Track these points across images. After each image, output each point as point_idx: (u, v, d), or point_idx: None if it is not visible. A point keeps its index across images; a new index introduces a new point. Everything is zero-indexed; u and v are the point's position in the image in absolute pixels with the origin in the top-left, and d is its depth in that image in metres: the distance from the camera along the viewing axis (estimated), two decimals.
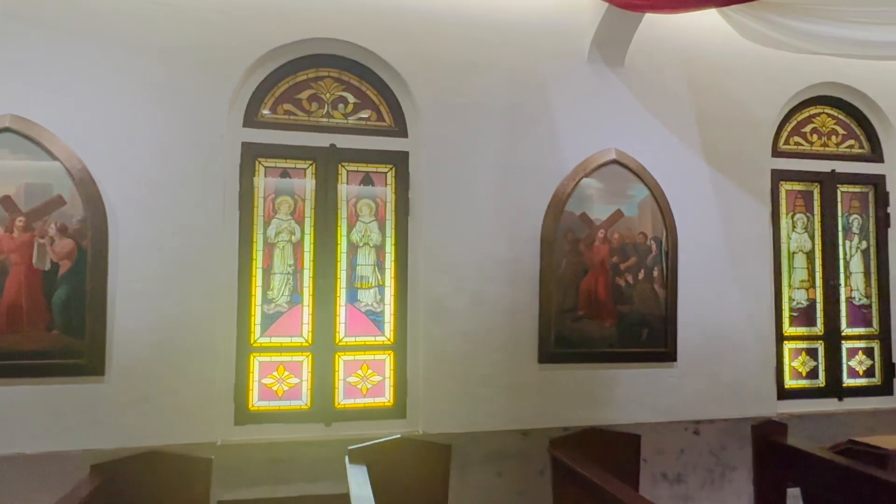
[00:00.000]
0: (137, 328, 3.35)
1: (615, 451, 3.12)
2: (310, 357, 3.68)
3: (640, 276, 4.02)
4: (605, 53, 4.04)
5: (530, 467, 3.80)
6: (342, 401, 3.70)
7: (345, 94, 3.85)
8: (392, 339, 3.80)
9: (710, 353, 4.17)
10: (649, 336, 4.01)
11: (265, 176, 3.70)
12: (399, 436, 2.91)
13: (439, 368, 3.73)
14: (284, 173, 3.73)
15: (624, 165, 4.02)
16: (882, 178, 4.69)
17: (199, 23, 3.54)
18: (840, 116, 4.68)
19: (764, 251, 4.35)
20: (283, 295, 3.68)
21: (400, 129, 3.90)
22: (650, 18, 3.93)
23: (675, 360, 4.08)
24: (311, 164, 3.75)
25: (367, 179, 3.84)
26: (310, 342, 3.68)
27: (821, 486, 2.78)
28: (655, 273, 4.05)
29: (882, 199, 4.68)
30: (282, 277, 3.69)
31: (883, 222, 4.68)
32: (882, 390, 4.61)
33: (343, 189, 3.80)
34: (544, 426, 3.84)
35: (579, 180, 3.93)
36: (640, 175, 4.04)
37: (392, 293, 3.82)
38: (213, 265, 3.49)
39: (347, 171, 3.81)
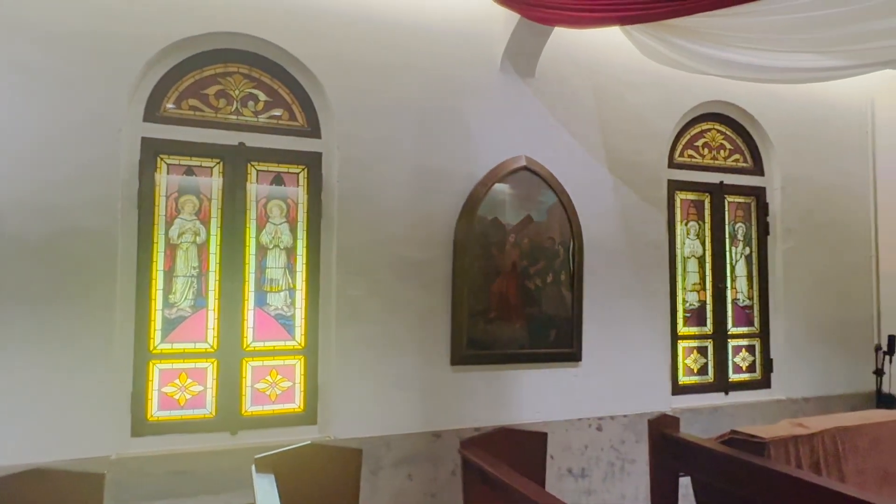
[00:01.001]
0: None
1: (523, 449, 3.22)
2: (215, 363, 3.53)
3: (549, 279, 4.17)
4: (517, 63, 4.16)
5: (442, 469, 3.84)
6: (249, 408, 3.59)
7: (255, 91, 3.73)
8: (303, 344, 3.72)
9: (612, 352, 4.39)
10: (557, 337, 4.17)
11: (168, 173, 3.52)
12: (309, 442, 2.86)
13: (352, 372, 3.70)
14: (189, 171, 3.56)
15: (534, 172, 4.16)
16: (763, 189, 5.14)
17: (94, 7, 3.31)
18: (728, 132, 5.08)
19: (661, 256, 4.63)
20: (186, 299, 3.51)
21: (313, 130, 3.84)
22: (560, 32, 4.09)
23: (580, 359, 4.26)
24: (218, 163, 3.61)
25: (278, 180, 3.75)
26: (215, 348, 3.53)
27: (708, 473, 3.00)
28: (563, 276, 4.22)
29: (763, 209, 5.13)
30: (185, 280, 3.52)
31: (763, 230, 5.12)
32: (762, 384, 5.05)
33: (252, 189, 3.68)
34: (456, 427, 3.90)
35: (491, 186, 4.03)
36: (549, 182, 4.19)
37: (303, 296, 3.74)
38: (109, 268, 3.27)
39: (257, 171, 3.70)
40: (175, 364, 3.47)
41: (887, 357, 4.93)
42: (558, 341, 4.17)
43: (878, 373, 4.96)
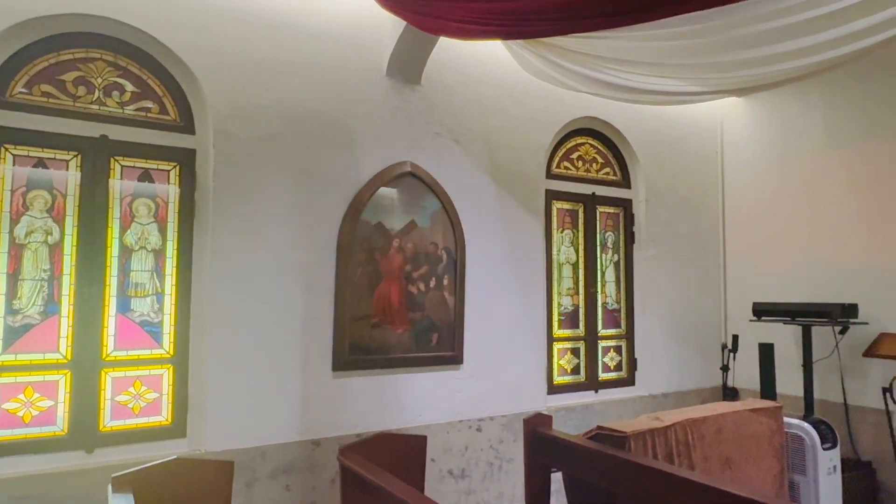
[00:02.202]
0: None
1: (403, 453, 3.23)
2: (67, 375, 3.22)
3: (432, 283, 4.23)
4: (403, 70, 4.19)
5: (321, 477, 3.76)
6: (109, 423, 3.31)
7: (121, 80, 3.46)
8: (171, 352, 3.50)
9: (492, 355, 4.54)
10: (439, 341, 4.24)
11: (14, 165, 3.17)
12: (175, 457, 2.68)
13: (226, 381, 3.52)
14: (40, 164, 3.23)
15: (419, 178, 4.21)
16: (629, 201, 5.55)
17: None
18: (599, 147, 5.44)
19: (539, 262, 4.86)
20: (34, 304, 3.18)
21: (186, 125, 3.62)
22: (446, 42, 4.18)
23: (461, 362, 4.36)
24: (76, 156, 3.30)
25: (145, 176, 3.50)
26: (68, 358, 3.22)
27: (576, 468, 3.17)
28: (446, 281, 4.29)
29: (629, 220, 5.54)
30: (33, 284, 3.18)
31: (630, 239, 5.54)
32: (627, 382, 5.44)
33: (116, 186, 3.41)
34: (337, 434, 3.84)
35: (376, 190, 4.02)
36: (434, 188, 4.26)
37: (172, 301, 3.52)
38: None
39: (122, 167, 3.43)
40: (19, 377, 3.12)
41: (732, 354, 5.50)
42: (440, 345, 4.24)
43: (724, 368, 5.52)
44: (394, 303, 4.07)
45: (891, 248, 4.81)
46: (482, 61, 4.63)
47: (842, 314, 4.71)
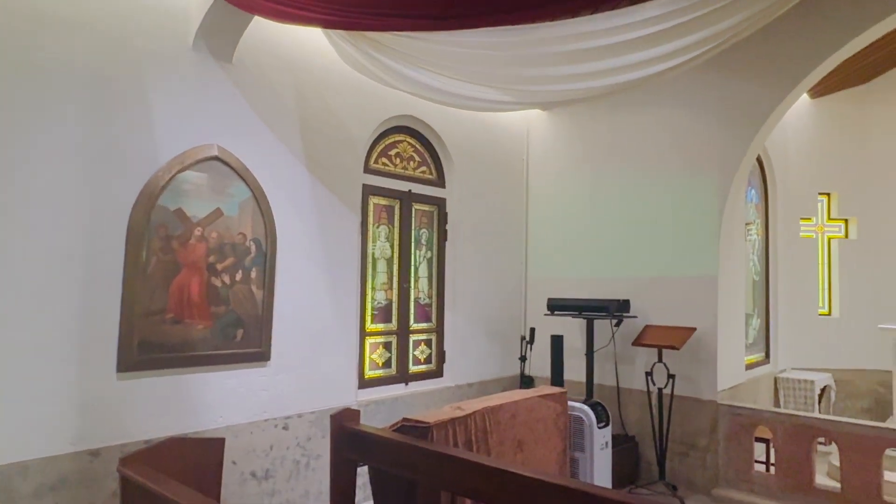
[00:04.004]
0: None
1: (198, 459, 3.00)
2: None
3: (238, 276, 3.99)
4: (212, 45, 3.89)
5: (100, 492, 3.34)
6: None
7: None
8: None
9: (302, 351, 4.41)
10: (244, 337, 4.01)
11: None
12: None
13: None
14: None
15: (226, 163, 3.94)
16: (444, 200, 5.77)
17: None
18: (417, 146, 5.57)
19: (354, 256, 4.83)
20: None
21: None
22: (263, 22, 3.96)
23: (269, 359, 4.18)
24: None
25: None
26: None
27: (382, 460, 3.21)
28: (254, 274, 4.08)
29: (443, 218, 5.76)
30: None
31: (443, 237, 5.76)
32: (436, 374, 5.65)
33: None
34: (122, 442, 3.45)
35: (176, 173, 3.68)
36: (243, 175, 4.02)
37: None
38: None
39: None
40: None
41: (529, 346, 6.00)
42: (246, 341, 4.02)
43: (522, 359, 5.99)
44: (194, 296, 3.76)
45: (654, 252, 5.61)
46: (302, 47, 4.48)
47: (617, 309, 5.38)
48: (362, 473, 3.91)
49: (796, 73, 4.88)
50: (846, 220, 7.43)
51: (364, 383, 5.00)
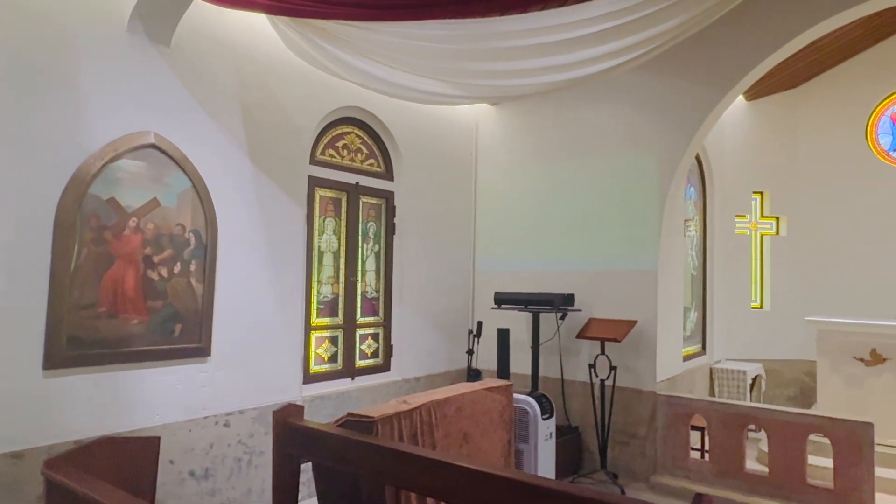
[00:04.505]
0: None
1: (131, 459, 2.88)
2: None
3: (176, 269, 3.85)
4: (149, 27, 3.72)
5: (22, 497, 3.17)
6: None
7: None
8: None
9: (245, 346, 4.30)
10: (183, 331, 3.87)
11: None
12: None
13: None
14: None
15: (164, 152, 3.78)
16: (392, 193, 5.73)
17: None
18: (365, 138, 5.50)
19: (299, 249, 4.74)
20: None
21: None
22: (203, 5, 3.81)
23: (209, 354, 4.05)
24: None
25: None
26: None
27: (326, 456, 3.16)
28: (193, 267, 3.94)
29: (391, 211, 5.72)
30: None
31: (391, 230, 5.72)
32: (383, 368, 5.62)
33: None
34: (49, 443, 3.28)
35: (109, 161, 3.50)
36: (182, 164, 3.87)
37: None
38: None
39: None
40: None
41: (476, 339, 6.04)
42: (184, 336, 3.88)
43: (470, 352, 6.03)
44: (128, 289, 3.61)
45: (599, 246, 5.74)
46: (245, 33, 4.34)
47: (562, 302, 5.48)
48: (306, 470, 3.86)
49: (732, 75, 5.07)
50: (777, 218, 7.80)
51: (309, 378, 4.93)
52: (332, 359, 5.18)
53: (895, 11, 6.50)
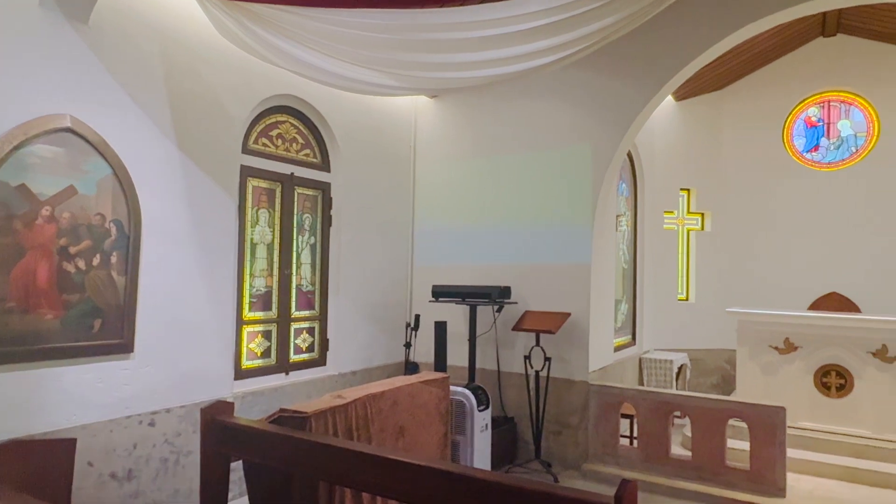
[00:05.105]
0: None
1: (43, 462, 2.71)
2: None
3: (96, 261, 3.64)
4: (64, 2, 3.48)
5: None
6: None
7: None
8: None
9: (172, 341, 4.12)
10: (102, 327, 3.67)
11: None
12: None
13: None
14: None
15: (81, 136, 3.55)
16: (328, 185, 5.62)
17: None
18: (300, 127, 5.37)
19: (230, 241, 4.57)
20: None
21: None
22: None
23: (132, 350, 3.86)
24: None
25: None
26: None
27: (257, 454, 3.07)
28: (114, 259, 3.74)
29: (328, 203, 5.62)
30: None
31: (327, 222, 5.61)
32: (319, 362, 5.53)
33: None
34: None
35: (18, 145, 3.26)
36: (102, 150, 3.65)
37: None
38: None
39: None
40: None
41: (414, 332, 6.03)
42: (105, 332, 3.68)
43: (407, 345, 6.01)
44: (41, 283, 3.38)
45: (534, 240, 5.84)
46: (172, 14, 4.14)
47: (499, 295, 5.55)
48: (236, 468, 3.75)
49: (662, 75, 5.25)
50: (702, 214, 8.16)
51: (241, 374, 4.78)
52: (266, 354, 5.04)
53: (808, 23, 6.92)
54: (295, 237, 5.31)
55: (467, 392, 4.78)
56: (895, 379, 5.48)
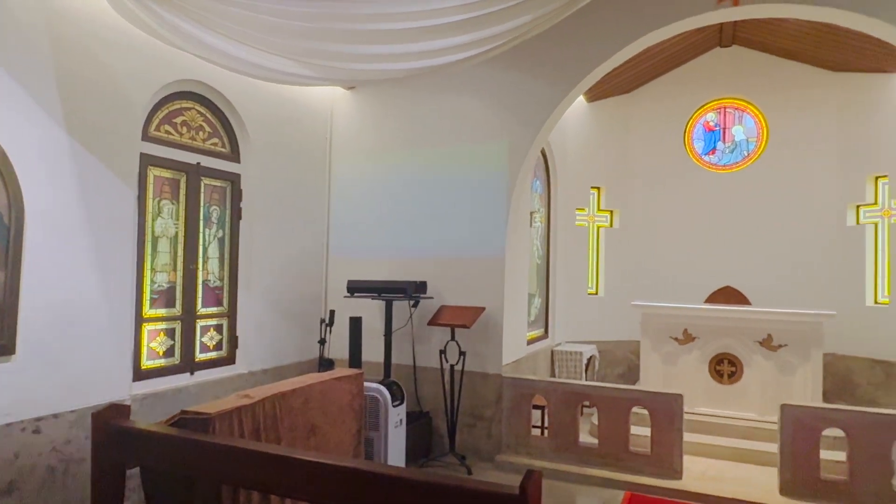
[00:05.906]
0: None
1: None
2: None
3: None
4: None
5: None
6: None
7: None
8: None
9: (60, 342, 3.82)
10: None
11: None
12: None
13: None
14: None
15: None
16: (238, 176, 5.40)
17: None
18: (208, 115, 5.11)
19: (128, 234, 4.29)
20: None
21: None
22: None
23: (13, 352, 3.54)
24: None
25: None
26: None
27: (156, 459, 2.90)
28: None
29: (237, 195, 5.39)
30: None
31: (237, 215, 5.39)
32: (227, 361, 5.31)
33: None
34: None
35: None
36: None
37: None
38: None
39: None
40: None
41: (328, 328, 5.91)
42: None
43: (322, 342, 5.89)
44: None
45: (450, 235, 5.88)
46: None
47: (415, 290, 5.54)
48: (133, 475, 3.54)
49: (573, 76, 5.43)
50: (611, 212, 8.52)
51: (141, 375, 4.51)
52: (169, 353, 4.78)
53: (706, 33, 7.37)
54: (202, 230, 5.05)
55: (381, 388, 4.75)
56: (778, 366, 5.97)
